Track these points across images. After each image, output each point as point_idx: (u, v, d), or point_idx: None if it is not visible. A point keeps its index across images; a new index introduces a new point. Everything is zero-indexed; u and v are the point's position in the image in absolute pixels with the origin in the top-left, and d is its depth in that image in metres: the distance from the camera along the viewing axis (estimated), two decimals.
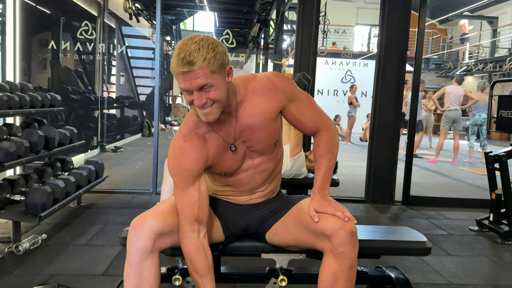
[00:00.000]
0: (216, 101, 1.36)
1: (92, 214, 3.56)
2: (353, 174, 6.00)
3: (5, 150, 2.60)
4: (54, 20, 6.58)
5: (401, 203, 4.44)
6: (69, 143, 3.64)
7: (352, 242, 1.40)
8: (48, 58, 6.69)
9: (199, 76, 1.30)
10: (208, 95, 1.34)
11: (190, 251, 1.48)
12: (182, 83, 1.33)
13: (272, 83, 1.51)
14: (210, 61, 1.30)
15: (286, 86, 1.53)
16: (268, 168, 1.62)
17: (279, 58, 7.53)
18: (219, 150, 1.51)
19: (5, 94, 2.84)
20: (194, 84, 1.31)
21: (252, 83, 1.52)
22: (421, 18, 4.36)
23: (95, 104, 6.97)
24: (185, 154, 1.47)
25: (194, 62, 1.29)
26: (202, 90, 1.33)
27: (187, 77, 1.31)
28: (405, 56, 4.38)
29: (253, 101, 1.50)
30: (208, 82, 1.32)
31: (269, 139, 1.55)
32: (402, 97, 4.45)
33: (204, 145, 1.49)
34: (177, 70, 1.31)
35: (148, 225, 1.44)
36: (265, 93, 1.50)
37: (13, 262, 2.51)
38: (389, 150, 4.43)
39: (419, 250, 1.85)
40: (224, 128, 1.50)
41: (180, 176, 1.48)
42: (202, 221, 1.50)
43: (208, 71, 1.30)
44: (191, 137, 1.48)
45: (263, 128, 1.51)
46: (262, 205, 1.68)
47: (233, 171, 1.58)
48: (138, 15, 7.00)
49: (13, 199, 2.75)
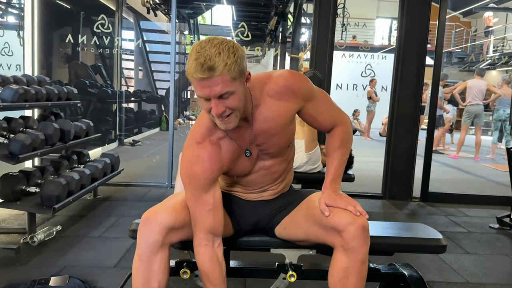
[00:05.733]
0: (235, 110, 1.29)
1: (107, 207, 3.59)
2: (371, 169, 5.91)
3: (21, 142, 2.63)
4: (74, 15, 6.67)
5: (419, 199, 4.34)
6: (85, 136, 3.67)
7: (364, 237, 1.36)
8: (69, 53, 6.79)
9: (219, 83, 1.22)
10: (227, 103, 1.26)
11: (204, 261, 1.45)
12: (200, 91, 1.24)
13: (288, 84, 1.43)
14: (231, 66, 1.22)
15: (303, 86, 1.46)
16: (280, 170, 1.59)
17: (296, 51, 7.46)
18: (234, 156, 1.46)
19: (21, 87, 2.87)
20: (214, 92, 1.23)
21: (268, 85, 1.43)
22: (442, 10, 4.23)
23: (114, 98, 7.03)
24: (200, 162, 1.41)
25: (215, 68, 1.20)
26: (221, 97, 1.25)
27: (206, 84, 1.22)
28: (425, 49, 4.27)
29: (269, 105, 1.43)
30: (228, 90, 1.24)
31: (283, 143, 1.51)
32: (421, 91, 4.34)
33: (219, 152, 1.43)
34: (196, 76, 1.21)
35: (160, 219, 1.42)
36: (282, 96, 1.43)
37: (28, 253, 2.54)
38: (408, 145, 4.33)
39: (434, 247, 1.80)
40: (239, 134, 1.44)
41: (194, 185, 1.43)
42: (218, 231, 1.46)
43: (228, 78, 1.22)
44: (205, 145, 1.42)
45: (278, 132, 1.46)
46: (272, 201, 1.65)
47: (245, 174, 1.55)
48: (156, 9, 7.02)
49: (28, 191, 2.79)
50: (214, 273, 1.45)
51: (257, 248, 1.84)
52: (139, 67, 9.14)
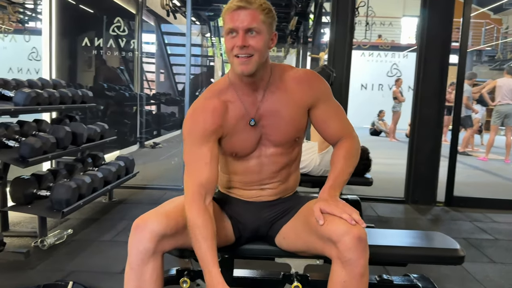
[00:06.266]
0: (256, 52, 1.35)
1: (121, 210, 3.58)
2: (394, 172, 5.71)
3: (31, 146, 2.63)
4: (97, 19, 6.74)
5: (444, 204, 4.16)
6: (100, 139, 3.66)
7: (360, 248, 1.25)
8: (93, 57, 6.87)
9: (250, 16, 1.32)
10: (251, 40, 1.34)
11: (197, 215, 1.38)
12: (231, 22, 1.34)
13: (308, 77, 1.50)
14: (266, 10, 1.35)
15: (321, 85, 1.52)
16: (280, 162, 1.53)
17: (317, 51, 7.33)
18: (238, 121, 1.47)
19: (33, 91, 2.87)
20: (244, 23, 1.32)
21: (289, 72, 1.51)
22: (466, 5, 4.05)
23: (134, 100, 7.08)
24: (204, 113, 1.44)
25: (252, 3, 1.32)
26: (247, 33, 1.33)
27: (240, 15, 1.32)
28: (449, 47, 4.08)
29: (285, 88, 1.47)
30: (257, 26, 1.33)
31: (288, 133, 1.48)
32: (445, 90, 4.16)
33: (225, 111, 1.45)
34: (232, 6, 1.32)
35: (150, 226, 1.35)
36: (299, 84, 1.48)
37: (37, 257, 2.54)
38: (432, 146, 4.15)
39: (451, 258, 1.67)
40: (249, 101, 1.47)
41: (194, 135, 1.44)
42: (211, 185, 1.44)
43: (260, 17, 1.33)
44: (213, 100, 1.46)
45: (286, 118, 1.47)
46: (273, 204, 1.57)
47: (244, 153, 1.50)
48: (176, 11, 7.02)
49: (40, 194, 2.78)
50: (207, 228, 1.37)
51: (262, 257, 1.76)
52: (161, 70, 9.19)
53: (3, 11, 7.48)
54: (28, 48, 8.35)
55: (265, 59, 1.41)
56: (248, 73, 1.38)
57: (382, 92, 15.21)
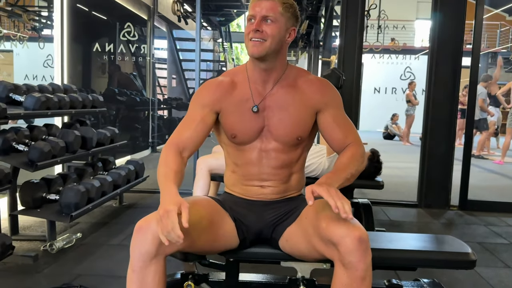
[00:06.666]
0: (269, 38, 1.42)
1: (131, 214, 3.58)
2: (407, 176, 5.64)
3: (40, 150, 2.64)
4: (110, 25, 6.81)
5: (458, 207, 4.07)
6: (110, 143, 3.68)
7: (361, 250, 1.22)
8: (106, 63, 6.94)
9: (270, 6, 1.42)
10: (266, 27, 1.42)
11: (171, 158, 1.44)
12: (252, 10, 1.45)
13: (322, 84, 1.55)
14: (286, 4, 1.44)
15: (332, 92, 1.56)
16: (280, 159, 1.52)
17: (328, 55, 7.29)
18: (241, 103, 1.52)
19: (43, 95, 2.90)
20: (262, 11, 1.42)
21: (303, 74, 1.58)
22: (478, 7, 3.98)
23: (146, 105, 7.12)
24: (209, 85, 1.55)
25: None
26: (264, 20, 1.42)
27: (261, 4, 1.43)
28: (461, 49, 4.02)
29: (295, 86, 1.53)
30: (273, 15, 1.42)
31: (291, 129, 1.50)
32: (458, 93, 4.09)
33: (230, 89, 1.53)
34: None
35: (153, 228, 1.33)
36: (310, 86, 1.53)
37: (45, 261, 2.54)
38: (444, 149, 4.08)
39: (461, 263, 1.62)
40: (256, 89, 1.52)
41: (194, 102, 1.55)
42: (189, 146, 1.50)
43: (279, 8, 1.42)
44: (223, 78, 1.57)
45: (291, 114, 1.50)
46: (275, 205, 1.55)
47: (243, 139, 1.52)
48: (187, 17, 7.07)
49: (49, 198, 2.79)
50: (175, 166, 1.42)
51: (267, 261, 1.73)
52: (172, 75, 9.24)
53: (19, 19, 7.61)
54: (43, 55, 8.47)
55: (278, 49, 1.47)
56: (258, 55, 1.43)
57: (395, 95, 15.09)
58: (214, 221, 1.48)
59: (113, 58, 6.44)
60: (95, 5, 6.30)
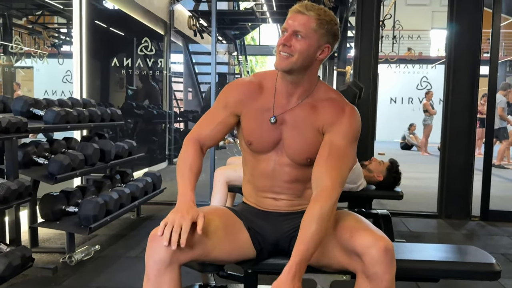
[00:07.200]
0: (296, 53, 1.39)
1: (148, 226, 3.59)
2: (427, 186, 5.55)
3: (59, 163, 2.68)
4: (128, 41, 6.92)
5: (479, 218, 3.99)
6: (128, 156, 3.71)
7: (387, 261, 1.20)
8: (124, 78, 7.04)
9: (302, 21, 1.38)
10: (296, 41, 1.39)
11: (192, 150, 1.50)
12: (286, 22, 1.43)
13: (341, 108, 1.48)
14: (321, 20, 1.39)
15: (347, 122, 1.46)
16: (292, 174, 1.50)
17: (343, 65, 7.28)
18: (261, 111, 1.51)
19: (63, 109, 2.95)
20: (294, 25, 1.39)
21: (330, 95, 1.52)
22: (495, 15, 3.94)
23: (163, 118, 7.19)
24: (236, 86, 1.57)
25: (309, 10, 1.39)
26: (294, 35, 1.39)
27: (294, 17, 1.40)
28: (478, 58, 3.98)
29: (316, 107, 1.48)
30: (304, 31, 1.38)
31: (300, 150, 1.48)
32: (476, 102, 4.04)
33: (256, 93, 1.53)
34: (294, 9, 1.42)
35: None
36: (327, 107, 1.48)
37: (64, 273, 2.56)
38: (464, 159, 4.01)
39: (486, 273, 1.58)
40: (279, 101, 1.50)
41: (219, 100, 1.56)
42: (207, 143, 1.56)
43: (312, 25, 1.38)
44: (252, 79, 1.56)
45: (301, 134, 1.48)
46: (291, 216, 1.54)
47: (259, 147, 1.52)
48: (202, 31, 7.15)
49: (68, 211, 2.82)
50: (195, 162, 1.48)
51: None
52: (189, 88, 9.33)
53: (39, 36, 7.81)
54: (62, 71, 8.65)
55: (307, 65, 1.43)
56: (281, 69, 1.42)
57: (412, 105, 14.95)
58: (229, 231, 1.47)
59: (131, 73, 6.53)
60: (113, 21, 6.43)
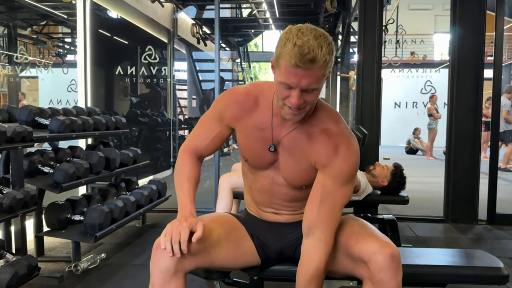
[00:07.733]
0: (308, 105, 1.27)
1: (154, 234, 3.59)
2: (432, 191, 5.52)
3: (64, 171, 2.69)
4: (132, 50, 6.97)
5: (486, 222, 3.96)
6: (133, 164, 3.72)
7: (393, 267, 1.19)
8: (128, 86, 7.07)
9: (312, 77, 1.18)
10: (307, 97, 1.23)
11: (188, 160, 1.48)
12: (289, 79, 1.20)
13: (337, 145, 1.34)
14: (328, 64, 1.19)
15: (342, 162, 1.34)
16: (290, 195, 1.48)
17: (346, 71, 7.28)
18: (257, 130, 1.41)
19: (68, 118, 2.96)
20: (303, 84, 1.19)
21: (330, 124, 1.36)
22: (498, 17, 3.93)
23: (167, 126, 7.21)
24: (234, 100, 1.43)
25: (316, 61, 1.16)
26: (305, 91, 1.21)
27: (299, 74, 1.18)
28: (482, 61, 3.96)
29: (312, 137, 1.37)
30: (317, 86, 1.22)
31: (294, 176, 1.43)
32: (481, 106, 4.02)
33: (251, 110, 1.41)
34: (293, 63, 1.16)
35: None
36: (323, 142, 1.35)
37: (70, 282, 2.56)
38: (470, 163, 3.99)
39: (493, 278, 1.57)
40: (277, 124, 1.39)
41: (214, 110, 1.48)
42: (201, 153, 1.53)
43: (321, 74, 1.20)
44: (249, 94, 1.43)
45: (295, 162, 1.40)
46: (295, 225, 1.53)
47: (255, 165, 1.47)
48: (206, 39, 7.19)
49: (73, 219, 2.83)
50: (192, 171, 1.46)
51: (291, 279, 1.70)
52: (192, 96, 9.35)
53: (43, 46, 7.88)
54: (67, 80, 8.71)
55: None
56: (295, 121, 1.33)
57: (416, 109, 14.93)
58: (232, 238, 1.47)
59: (135, 81, 6.56)
60: (117, 30, 6.47)
